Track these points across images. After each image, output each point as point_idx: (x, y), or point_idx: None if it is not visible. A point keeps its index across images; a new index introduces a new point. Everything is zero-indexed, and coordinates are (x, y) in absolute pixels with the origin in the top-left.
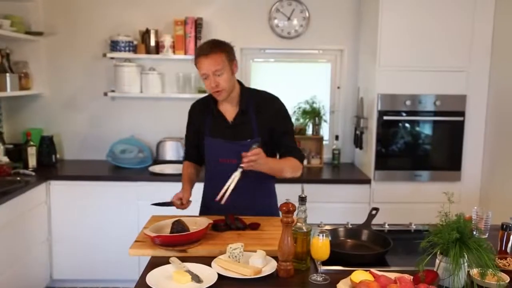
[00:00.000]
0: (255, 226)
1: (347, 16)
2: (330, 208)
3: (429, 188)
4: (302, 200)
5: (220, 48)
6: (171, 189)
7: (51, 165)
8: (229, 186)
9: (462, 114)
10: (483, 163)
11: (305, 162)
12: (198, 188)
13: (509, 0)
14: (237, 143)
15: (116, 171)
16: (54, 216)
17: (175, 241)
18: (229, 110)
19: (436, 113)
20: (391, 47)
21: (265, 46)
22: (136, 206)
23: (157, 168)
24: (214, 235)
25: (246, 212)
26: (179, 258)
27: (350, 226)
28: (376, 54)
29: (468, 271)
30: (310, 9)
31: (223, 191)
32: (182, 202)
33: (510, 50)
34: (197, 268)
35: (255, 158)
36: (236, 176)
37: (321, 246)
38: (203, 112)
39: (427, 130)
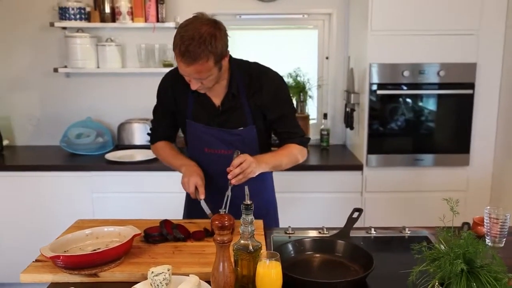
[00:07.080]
0: (200, 236)
1: None
2: (316, 199)
3: (432, 175)
4: (247, 208)
5: (207, 51)
6: (133, 180)
7: None
8: (225, 206)
9: (471, 86)
10: (496, 144)
11: None
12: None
13: None
14: (228, 131)
15: (70, 159)
16: None
17: (85, 262)
18: (215, 91)
19: (440, 86)
20: (385, 7)
21: (241, 11)
22: (90, 200)
23: (118, 155)
24: (142, 249)
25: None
26: (87, 285)
27: (326, 233)
28: (367, 16)
29: None
30: None
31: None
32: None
33: None
34: None
35: (239, 170)
36: (228, 195)
37: (268, 274)
38: (180, 89)
39: (429, 106)
